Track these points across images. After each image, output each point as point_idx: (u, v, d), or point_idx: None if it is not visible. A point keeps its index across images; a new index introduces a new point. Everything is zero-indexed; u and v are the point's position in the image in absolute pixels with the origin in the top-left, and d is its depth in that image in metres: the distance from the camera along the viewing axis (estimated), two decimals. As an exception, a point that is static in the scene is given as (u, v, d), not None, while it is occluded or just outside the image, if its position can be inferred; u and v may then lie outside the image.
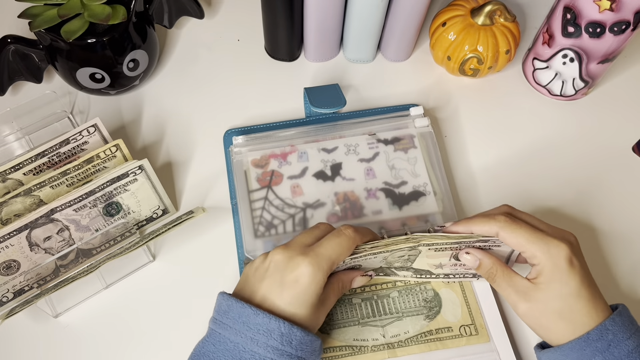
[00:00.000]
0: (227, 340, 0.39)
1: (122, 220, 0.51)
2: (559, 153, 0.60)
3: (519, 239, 0.41)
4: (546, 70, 0.61)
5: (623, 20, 0.53)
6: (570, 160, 0.60)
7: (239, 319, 0.39)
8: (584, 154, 0.60)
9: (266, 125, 0.60)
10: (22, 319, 0.50)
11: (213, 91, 0.63)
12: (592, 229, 0.56)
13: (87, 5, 0.53)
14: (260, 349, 0.39)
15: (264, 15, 0.60)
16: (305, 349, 0.40)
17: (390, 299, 0.50)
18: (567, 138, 0.61)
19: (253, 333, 0.39)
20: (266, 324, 0.39)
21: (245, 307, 0.40)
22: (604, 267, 0.54)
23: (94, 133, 0.54)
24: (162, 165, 0.58)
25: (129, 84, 0.60)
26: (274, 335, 0.39)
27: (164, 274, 0.53)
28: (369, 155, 0.57)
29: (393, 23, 0.61)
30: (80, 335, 0.50)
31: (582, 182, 0.58)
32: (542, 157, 0.60)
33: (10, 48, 0.55)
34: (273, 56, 0.66)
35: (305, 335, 0.40)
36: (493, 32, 0.59)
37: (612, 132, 0.61)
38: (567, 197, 0.57)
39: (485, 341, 0.48)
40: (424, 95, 0.63)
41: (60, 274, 0.49)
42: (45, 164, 0.52)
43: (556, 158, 0.60)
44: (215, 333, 0.40)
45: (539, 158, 0.60)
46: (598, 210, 0.57)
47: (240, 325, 0.39)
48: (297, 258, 0.41)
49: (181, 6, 0.62)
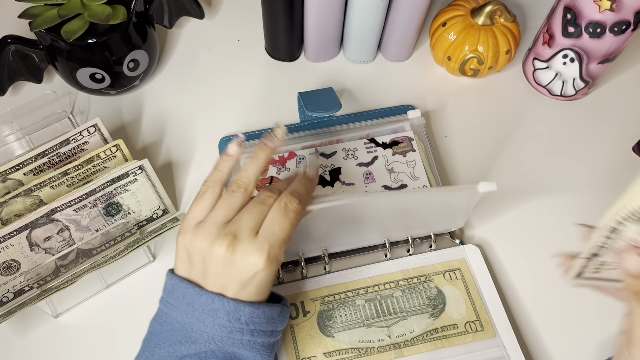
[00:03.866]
0: (173, 321, 0.39)
1: (123, 221, 0.51)
2: (559, 153, 0.60)
3: None
4: (546, 70, 0.61)
5: (623, 20, 0.53)
6: (571, 161, 0.60)
7: (183, 299, 0.38)
8: (584, 155, 0.60)
9: (262, 131, 0.60)
10: (22, 319, 0.50)
11: (213, 91, 0.63)
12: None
13: (88, 6, 0.53)
14: (207, 328, 0.38)
15: (264, 15, 0.60)
16: (258, 320, 0.38)
17: (394, 299, 0.50)
18: (567, 138, 0.61)
19: (199, 313, 0.38)
20: (210, 303, 0.38)
21: (189, 287, 0.38)
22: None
23: (94, 133, 0.54)
24: (162, 165, 0.58)
25: (129, 84, 0.60)
26: (219, 314, 0.37)
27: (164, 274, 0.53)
28: (367, 159, 0.57)
29: (393, 23, 0.61)
30: (81, 335, 0.50)
31: (582, 183, 0.58)
32: (543, 157, 0.60)
33: (10, 48, 0.55)
34: (273, 56, 0.66)
35: (255, 309, 0.38)
36: (493, 32, 0.59)
37: (613, 132, 0.61)
38: (567, 198, 0.57)
39: (491, 336, 0.48)
40: (424, 95, 0.63)
41: (61, 274, 0.49)
42: (45, 164, 0.53)
43: (556, 158, 0.60)
44: (162, 312, 0.40)
45: (539, 158, 0.60)
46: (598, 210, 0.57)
47: (185, 306, 0.38)
48: (250, 255, 0.37)
49: (181, 6, 0.62)
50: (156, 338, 0.40)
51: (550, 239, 0.55)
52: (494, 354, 0.48)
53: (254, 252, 0.37)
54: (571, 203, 0.57)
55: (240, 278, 0.38)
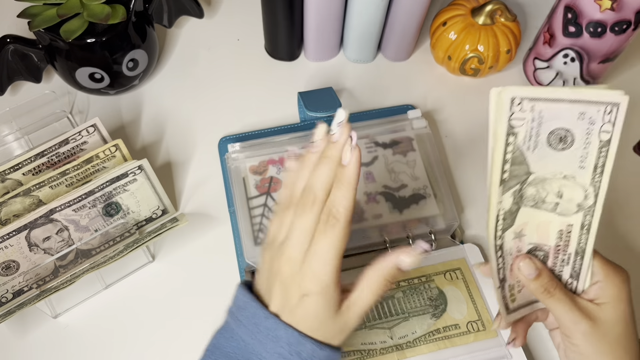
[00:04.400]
0: (239, 338, 0.38)
1: (122, 221, 0.51)
2: (559, 153, 0.60)
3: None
4: (547, 69, 0.60)
5: (624, 19, 0.53)
6: (571, 160, 0.59)
7: (252, 319, 0.38)
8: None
9: (261, 131, 0.59)
10: (22, 319, 0.50)
11: (212, 91, 0.63)
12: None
13: (87, 5, 0.53)
14: (267, 354, 0.37)
15: (264, 14, 0.60)
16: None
17: (395, 300, 0.50)
18: (568, 138, 0.61)
19: (263, 336, 0.37)
20: (274, 329, 0.37)
21: (259, 309, 0.38)
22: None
23: (94, 133, 0.54)
24: (161, 165, 0.58)
25: (128, 84, 0.59)
26: (281, 343, 0.37)
27: (164, 275, 0.53)
28: (367, 159, 0.56)
29: (393, 23, 0.60)
30: (80, 335, 0.50)
31: (583, 182, 0.58)
32: (543, 157, 0.60)
33: (9, 48, 0.55)
34: (273, 56, 0.65)
35: (317, 349, 0.36)
36: (494, 31, 0.59)
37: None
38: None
39: (493, 336, 0.48)
40: (424, 95, 0.63)
41: (60, 275, 0.49)
42: (44, 164, 0.52)
43: (557, 158, 0.60)
44: (229, 328, 0.39)
45: (539, 158, 0.59)
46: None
47: (252, 326, 0.38)
48: (297, 275, 0.36)
49: (181, 6, 0.62)
50: (218, 351, 0.39)
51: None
52: (495, 354, 0.48)
53: (298, 272, 0.36)
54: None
55: (288, 295, 0.37)
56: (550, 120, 0.34)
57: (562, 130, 0.35)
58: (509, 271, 0.38)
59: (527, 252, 0.38)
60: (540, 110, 0.34)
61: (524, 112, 0.34)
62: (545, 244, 0.38)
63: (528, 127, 0.34)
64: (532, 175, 0.35)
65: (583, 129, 0.35)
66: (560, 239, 0.37)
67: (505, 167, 0.35)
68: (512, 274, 0.38)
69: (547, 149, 0.35)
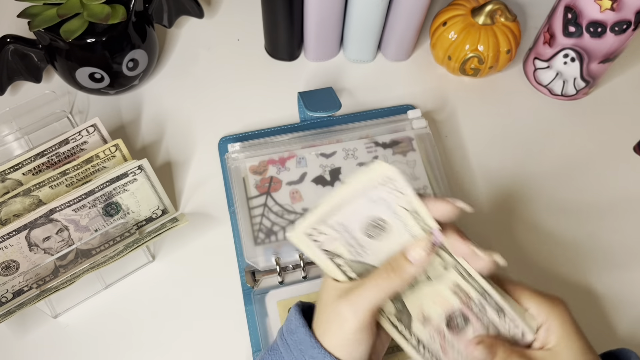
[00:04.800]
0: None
1: (122, 221, 0.51)
2: (560, 153, 0.60)
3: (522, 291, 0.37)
4: (547, 70, 0.60)
5: (624, 19, 0.52)
6: (572, 160, 0.59)
7: (298, 345, 0.37)
8: (586, 154, 0.60)
9: (261, 131, 0.60)
10: (22, 319, 0.50)
11: (212, 91, 0.63)
12: (592, 228, 0.56)
13: (87, 5, 0.53)
14: None
15: (264, 14, 0.60)
16: None
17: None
18: (568, 138, 0.61)
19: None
20: (319, 359, 0.36)
21: (307, 335, 0.37)
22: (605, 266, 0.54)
23: (94, 133, 0.54)
24: (161, 165, 0.58)
25: (128, 84, 0.59)
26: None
27: (164, 275, 0.53)
28: (367, 160, 0.56)
29: (393, 22, 0.60)
30: (80, 335, 0.50)
31: (583, 182, 0.58)
32: (543, 157, 0.60)
33: (9, 48, 0.55)
34: (273, 56, 0.65)
35: None
36: (494, 31, 0.59)
37: (614, 132, 0.61)
38: (568, 198, 0.57)
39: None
40: (424, 95, 0.63)
41: (60, 275, 0.49)
42: (44, 164, 0.52)
43: (557, 158, 0.60)
44: (278, 350, 0.39)
45: (540, 158, 0.59)
46: (599, 210, 0.57)
47: (297, 352, 0.37)
48: (337, 301, 0.36)
49: (181, 6, 0.62)
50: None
51: (551, 235, 0.55)
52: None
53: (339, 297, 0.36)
54: (572, 203, 0.57)
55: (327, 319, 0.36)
56: (353, 222, 0.35)
57: (370, 220, 0.35)
58: (444, 354, 0.37)
59: (446, 324, 0.36)
60: (336, 222, 0.35)
61: (328, 233, 0.35)
62: (452, 308, 0.36)
63: (342, 239, 0.35)
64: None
65: (383, 208, 0.35)
66: (458, 295, 0.36)
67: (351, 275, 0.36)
68: (449, 355, 0.37)
69: (374, 242, 0.36)
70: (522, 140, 0.60)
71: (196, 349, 0.50)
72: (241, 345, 0.50)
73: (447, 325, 0.36)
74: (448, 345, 0.37)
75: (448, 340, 0.37)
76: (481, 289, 0.35)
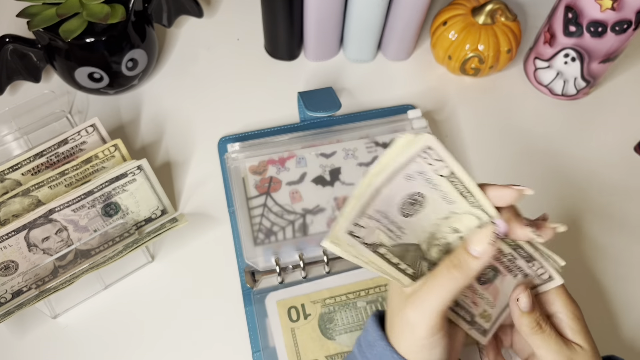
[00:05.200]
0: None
1: (121, 221, 0.51)
2: (560, 153, 0.60)
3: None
4: (548, 69, 0.60)
5: (625, 19, 0.52)
6: (572, 160, 0.59)
7: (377, 357, 0.36)
8: (586, 154, 0.60)
9: (261, 131, 0.59)
10: (21, 320, 0.50)
11: (212, 91, 0.63)
12: (592, 227, 0.56)
13: (86, 5, 0.52)
14: None
15: (264, 14, 0.60)
16: None
17: None
18: (568, 138, 0.61)
19: None
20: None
21: (386, 349, 0.35)
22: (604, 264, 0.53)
23: (93, 133, 0.54)
24: (161, 165, 0.58)
25: (127, 84, 0.59)
26: None
27: (163, 275, 0.53)
28: (367, 159, 0.56)
29: (393, 22, 0.60)
30: (80, 336, 0.50)
31: (583, 182, 0.58)
32: (544, 157, 0.59)
33: (8, 47, 0.54)
34: (273, 56, 0.65)
35: None
36: (494, 31, 0.58)
37: (614, 132, 0.61)
38: (568, 197, 0.57)
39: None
40: (425, 95, 0.63)
41: (59, 275, 0.49)
42: (43, 164, 0.52)
43: (558, 158, 0.59)
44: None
45: (540, 158, 0.59)
46: (599, 209, 0.57)
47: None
48: (404, 308, 0.34)
49: (180, 5, 0.62)
50: None
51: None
52: None
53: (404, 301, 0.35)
54: (572, 203, 0.57)
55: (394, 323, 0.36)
56: (391, 206, 0.32)
57: (406, 198, 0.33)
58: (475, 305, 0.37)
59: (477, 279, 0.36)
60: (374, 210, 0.32)
61: (367, 225, 0.32)
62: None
63: (382, 227, 0.33)
64: (423, 243, 0.34)
65: (421, 183, 0.33)
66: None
67: (402, 266, 0.34)
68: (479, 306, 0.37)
69: (410, 219, 0.34)
70: (522, 140, 0.60)
71: (196, 349, 0.50)
72: (241, 345, 0.50)
73: (478, 280, 0.36)
74: (478, 296, 0.37)
75: (478, 292, 0.37)
76: (514, 244, 0.36)
